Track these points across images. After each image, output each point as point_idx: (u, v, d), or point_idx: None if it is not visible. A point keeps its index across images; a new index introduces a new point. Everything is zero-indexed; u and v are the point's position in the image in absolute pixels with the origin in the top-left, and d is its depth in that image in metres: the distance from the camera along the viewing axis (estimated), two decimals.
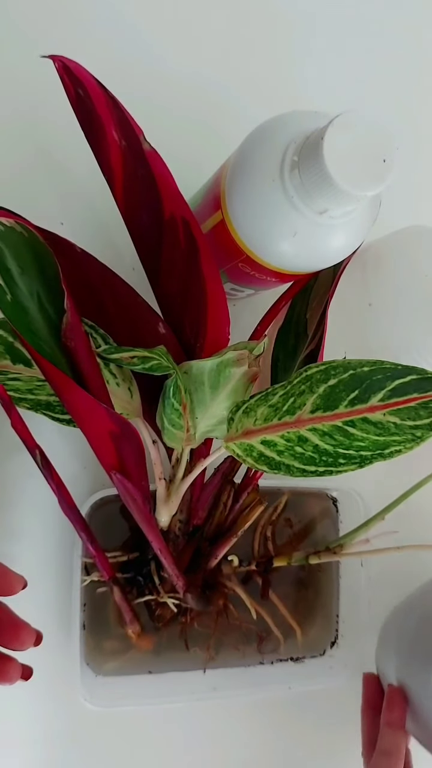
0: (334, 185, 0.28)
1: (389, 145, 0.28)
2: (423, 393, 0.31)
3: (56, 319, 0.35)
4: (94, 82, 0.32)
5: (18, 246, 0.33)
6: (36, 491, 0.41)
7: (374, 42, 0.51)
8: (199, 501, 0.40)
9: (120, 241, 0.40)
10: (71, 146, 0.36)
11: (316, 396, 0.32)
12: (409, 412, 0.31)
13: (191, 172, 0.38)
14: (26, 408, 0.36)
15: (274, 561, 0.41)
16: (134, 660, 0.42)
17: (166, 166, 0.33)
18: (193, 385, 0.34)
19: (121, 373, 0.37)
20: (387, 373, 0.31)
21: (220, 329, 0.36)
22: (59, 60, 0.32)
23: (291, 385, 0.33)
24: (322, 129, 0.28)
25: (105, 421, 0.33)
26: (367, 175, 0.28)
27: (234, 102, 0.46)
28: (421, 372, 0.31)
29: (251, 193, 0.32)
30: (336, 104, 0.31)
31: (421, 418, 0.31)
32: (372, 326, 0.42)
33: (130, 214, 0.35)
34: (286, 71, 0.49)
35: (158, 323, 0.37)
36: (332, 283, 0.38)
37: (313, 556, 0.40)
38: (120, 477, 0.35)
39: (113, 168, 0.34)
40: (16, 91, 0.44)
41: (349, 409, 0.32)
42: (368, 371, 0.32)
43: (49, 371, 0.32)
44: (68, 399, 0.33)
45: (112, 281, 0.37)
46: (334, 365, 0.32)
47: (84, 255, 0.37)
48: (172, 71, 0.46)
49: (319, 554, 0.40)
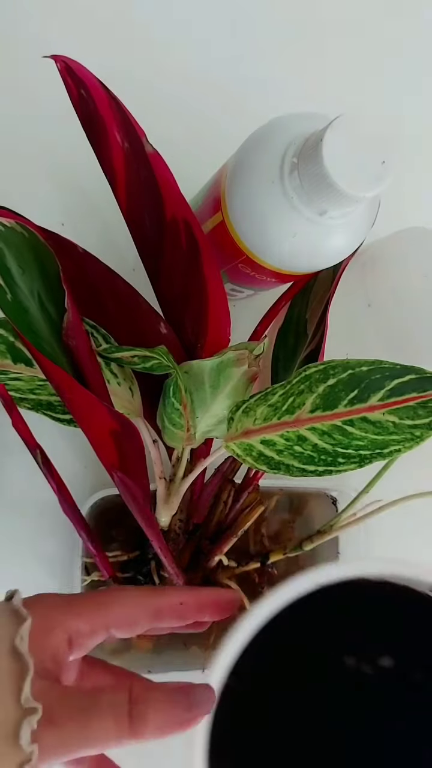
0: (333, 186, 0.28)
1: (388, 147, 0.29)
2: (422, 392, 0.31)
3: (57, 318, 0.35)
4: (97, 83, 0.32)
5: (19, 246, 0.34)
6: (36, 491, 0.41)
7: (374, 43, 0.51)
8: (200, 500, 0.40)
9: (121, 241, 0.40)
10: (73, 147, 0.37)
11: (315, 396, 0.32)
12: (408, 412, 0.31)
13: (192, 173, 0.38)
14: (27, 408, 0.36)
15: (270, 556, 0.41)
16: (134, 659, 0.42)
17: (167, 167, 0.33)
18: (194, 384, 0.34)
19: (122, 373, 0.37)
20: (386, 373, 0.32)
21: (221, 329, 0.36)
22: (62, 60, 0.32)
23: (290, 385, 0.33)
24: (322, 131, 0.28)
25: (106, 419, 0.33)
26: (366, 176, 0.28)
27: (235, 104, 0.46)
28: (420, 372, 0.32)
29: (251, 194, 0.32)
30: (335, 106, 0.31)
31: (420, 417, 0.31)
32: (371, 326, 0.43)
33: (131, 215, 0.36)
34: (286, 73, 0.49)
35: (159, 323, 0.37)
36: (332, 283, 0.38)
37: (306, 541, 0.40)
38: (121, 475, 0.35)
39: (115, 169, 0.34)
40: (18, 91, 0.44)
41: (348, 408, 0.32)
42: (367, 371, 0.32)
43: (50, 370, 0.32)
44: (69, 397, 0.33)
45: (114, 281, 0.37)
46: (333, 365, 0.32)
47: (85, 255, 0.37)
48: (174, 73, 0.46)
49: (312, 538, 0.40)
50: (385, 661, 0.27)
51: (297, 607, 0.27)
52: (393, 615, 0.28)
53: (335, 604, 0.28)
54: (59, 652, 0.26)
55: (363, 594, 0.28)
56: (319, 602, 0.28)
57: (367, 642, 0.28)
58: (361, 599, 0.28)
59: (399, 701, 0.28)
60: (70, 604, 0.27)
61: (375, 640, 0.28)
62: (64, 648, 0.26)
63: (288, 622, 0.27)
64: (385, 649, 0.28)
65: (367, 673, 0.27)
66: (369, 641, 0.28)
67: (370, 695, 0.27)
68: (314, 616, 0.28)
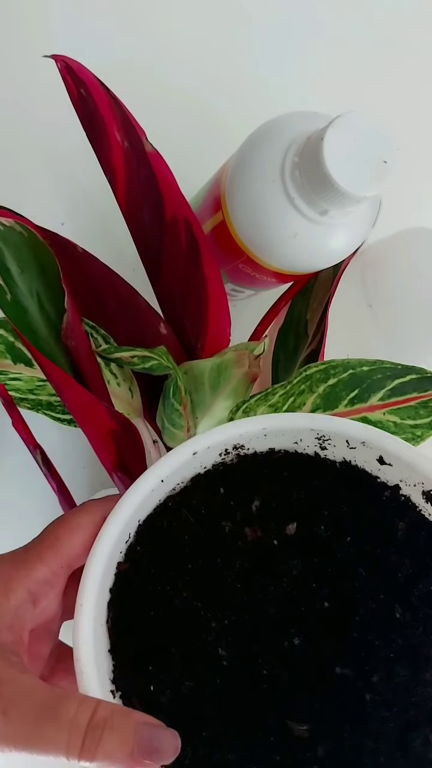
0: (334, 186, 0.28)
1: (389, 146, 0.29)
2: (422, 392, 0.31)
3: (56, 318, 0.35)
4: (97, 83, 0.32)
5: (18, 245, 0.34)
6: (36, 491, 0.41)
7: (374, 42, 0.51)
8: None
9: (121, 241, 0.40)
10: (73, 146, 0.37)
11: (315, 396, 0.32)
12: (409, 412, 0.31)
13: (193, 172, 0.38)
14: (27, 408, 0.36)
15: None
16: None
17: (167, 166, 0.33)
18: (194, 385, 0.34)
19: (121, 373, 0.37)
20: (386, 373, 0.32)
21: (221, 330, 0.36)
22: (62, 60, 0.32)
23: (291, 385, 0.33)
24: (323, 130, 0.28)
25: (106, 419, 0.33)
26: (367, 176, 0.28)
27: (235, 103, 0.46)
28: (421, 371, 0.32)
29: (252, 193, 0.32)
30: (336, 105, 0.31)
31: (421, 417, 0.31)
32: (372, 326, 0.43)
33: (131, 215, 0.36)
34: (287, 72, 0.49)
35: (159, 323, 0.37)
36: (332, 283, 0.38)
37: None
38: (121, 475, 0.35)
39: (115, 168, 0.34)
40: (18, 91, 0.44)
41: (349, 408, 0.32)
42: (368, 371, 0.32)
43: (50, 369, 0.32)
44: (69, 397, 0.33)
45: (113, 281, 0.37)
46: (334, 365, 0.32)
47: (85, 255, 0.37)
48: (174, 72, 0.46)
49: None
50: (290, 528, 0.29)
51: (191, 489, 0.29)
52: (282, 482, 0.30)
53: (229, 481, 0.30)
54: (18, 617, 0.25)
55: (252, 469, 0.30)
56: (211, 481, 0.29)
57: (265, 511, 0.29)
58: (252, 473, 0.30)
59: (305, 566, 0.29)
60: (27, 553, 0.27)
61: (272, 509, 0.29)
62: (25, 608, 0.25)
63: (183, 503, 0.29)
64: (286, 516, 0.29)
65: (269, 544, 0.29)
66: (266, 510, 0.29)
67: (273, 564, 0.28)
68: (206, 493, 0.29)
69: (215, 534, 0.29)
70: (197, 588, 0.28)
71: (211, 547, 0.28)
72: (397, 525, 0.29)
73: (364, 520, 0.29)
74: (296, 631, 0.27)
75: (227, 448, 0.29)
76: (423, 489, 0.28)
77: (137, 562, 0.28)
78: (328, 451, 0.30)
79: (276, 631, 0.27)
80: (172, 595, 0.28)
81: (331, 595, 0.28)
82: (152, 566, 0.28)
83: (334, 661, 0.27)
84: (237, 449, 0.30)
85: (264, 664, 0.27)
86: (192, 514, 0.29)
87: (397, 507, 0.29)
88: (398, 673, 0.27)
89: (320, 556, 0.28)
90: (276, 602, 0.28)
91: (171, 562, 0.28)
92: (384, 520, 0.29)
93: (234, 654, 0.27)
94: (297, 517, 0.29)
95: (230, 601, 0.28)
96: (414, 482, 0.28)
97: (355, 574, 0.28)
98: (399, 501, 0.29)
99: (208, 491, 0.29)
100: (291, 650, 0.27)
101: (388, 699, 0.27)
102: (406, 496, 0.29)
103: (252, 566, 0.28)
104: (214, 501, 0.29)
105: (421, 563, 0.28)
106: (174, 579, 0.28)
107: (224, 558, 0.28)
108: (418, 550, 0.28)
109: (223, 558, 0.28)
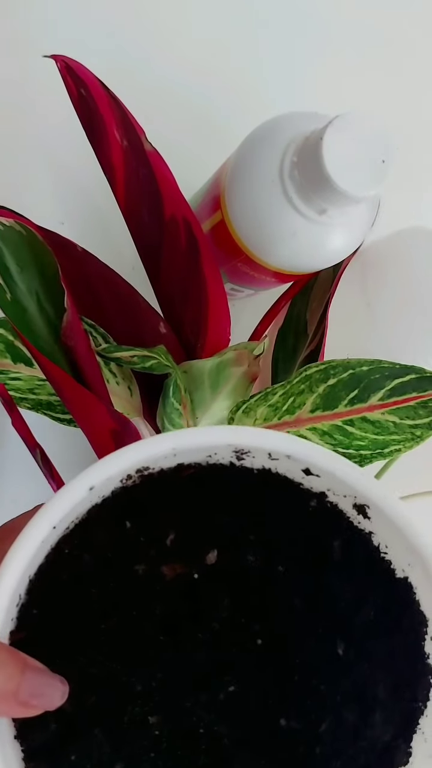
0: (333, 186, 0.28)
1: (388, 146, 0.29)
2: (422, 392, 0.31)
3: (55, 318, 0.35)
4: (97, 82, 0.32)
5: (17, 245, 0.34)
6: (36, 490, 0.41)
7: (374, 43, 0.51)
8: None
9: (120, 240, 0.40)
10: (72, 146, 0.37)
11: (315, 395, 0.32)
12: (408, 411, 0.31)
13: (192, 172, 0.38)
14: (27, 408, 0.36)
15: None
16: None
17: (167, 166, 0.33)
18: (193, 384, 0.34)
19: (121, 372, 0.37)
20: (386, 373, 0.32)
21: (221, 329, 0.36)
22: (61, 60, 0.32)
23: (290, 385, 0.33)
24: (321, 130, 0.28)
25: (105, 418, 0.33)
26: (366, 175, 0.28)
27: (234, 102, 0.46)
28: (420, 371, 0.32)
29: (251, 193, 0.32)
30: (335, 105, 0.31)
31: (420, 417, 0.31)
32: (371, 326, 0.43)
33: (131, 214, 0.36)
34: (286, 72, 0.49)
35: (159, 323, 0.37)
36: (332, 283, 0.38)
37: None
38: None
39: (115, 168, 0.34)
40: (18, 90, 0.44)
41: (349, 408, 0.32)
42: (367, 371, 0.32)
43: (49, 369, 0.32)
44: (68, 397, 0.33)
45: (113, 280, 0.37)
46: (334, 365, 0.32)
47: (84, 254, 0.37)
48: (174, 71, 0.46)
49: None
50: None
51: (88, 524, 0.24)
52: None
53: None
54: None
55: (160, 492, 0.25)
56: (112, 512, 0.25)
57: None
58: (160, 498, 0.25)
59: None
60: None
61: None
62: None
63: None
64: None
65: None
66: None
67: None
68: (109, 530, 0.25)
69: (127, 580, 0.24)
70: (113, 649, 0.24)
71: (124, 597, 0.24)
72: (331, 543, 0.25)
73: (293, 538, 0.25)
74: (231, 678, 0.24)
75: (129, 473, 0.25)
76: (354, 502, 0.25)
77: (34, 629, 0.23)
78: (245, 461, 0.25)
79: (208, 681, 0.24)
80: (83, 663, 0.23)
81: (262, 631, 0.24)
82: (54, 631, 0.23)
83: (278, 711, 0.24)
84: (140, 471, 0.25)
85: (199, 722, 0.23)
86: (96, 560, 0.24)
87: (326, 518, 0.25)
88: (346, 719, 0.24)
89: (247, 585, 0.25)
90: (205, 647, 0.24)
91: (77, 622, 0.24)
92: (316, 537, 0.25)
93: (165, 717, 0.24)
94: (217, 542, 0.25)
95: (154, 657, 0.24)
96: (343, 493, 0.25)
97: (292, 606, 0.24)
98: (326, 509, 0.25)
99: (112, 526, 0.25)
100: (228, 700, 0.24)
101: (338, 749, 0.24)
102: (333, 504, 0.25)
103: (174, 611, 0.24)
104: (120, 540, 0.25)
105: (359, 588, 0.25)
106: (83, 643, 0.24)
107: (141, 607, 0.24)
108: (356, 572, 0.25)
109: (140, 608, 0.24)
